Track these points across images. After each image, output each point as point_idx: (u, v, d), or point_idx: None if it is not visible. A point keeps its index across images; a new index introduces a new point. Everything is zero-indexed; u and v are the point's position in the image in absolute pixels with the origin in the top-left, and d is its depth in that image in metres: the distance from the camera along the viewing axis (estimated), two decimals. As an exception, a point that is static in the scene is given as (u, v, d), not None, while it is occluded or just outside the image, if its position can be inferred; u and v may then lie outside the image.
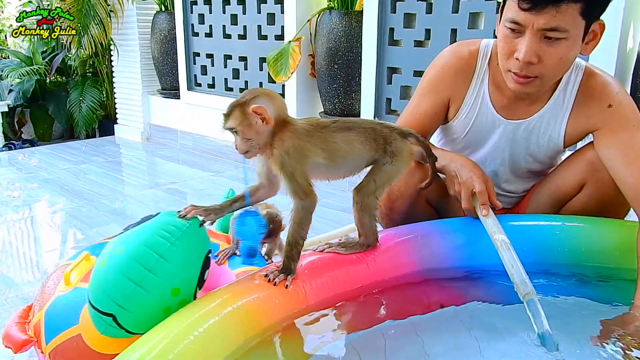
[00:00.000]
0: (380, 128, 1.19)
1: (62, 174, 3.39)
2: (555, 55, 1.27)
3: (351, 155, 1.15)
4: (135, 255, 1.00)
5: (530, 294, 1.14)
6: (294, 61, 2.81)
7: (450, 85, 1.53)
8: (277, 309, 1.08)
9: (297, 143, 1.10)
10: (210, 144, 3.90)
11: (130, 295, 0.98)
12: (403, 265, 1.29)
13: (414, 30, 2.68)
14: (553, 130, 1.48)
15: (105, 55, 4.65)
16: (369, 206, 1.20)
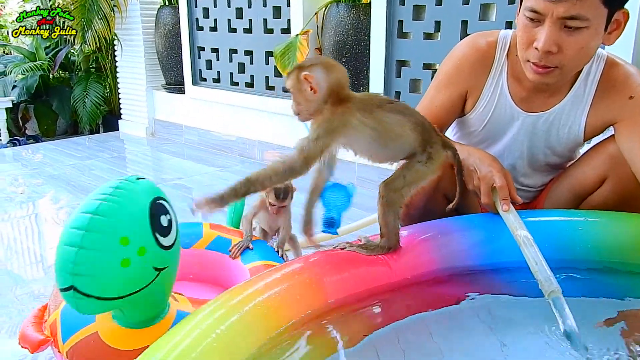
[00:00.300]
0: (429, 127, 1.19)
1: (67, 170, 3.37)
2: (575, 44, 1.24)
3: (400, 140, 1.15)
4: (70, 224, 1.01)
5: (556, 291, 1.11)
6: (302, 55, 2.78)
7: (468, 77, 1.50)
8: (298, 305, 1.06)
9: (346, 118, 1.10)
10: (216, 139, 3.87)
11: (77, 260, 0.98)
12: (424, 264, 1.27)
13: (424, 23, 2.64)
14: (573, 123, 1.46)
15: (109, 50, 4.62)
16: (395, 202, 1.18)
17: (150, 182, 1.12)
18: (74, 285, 0.99)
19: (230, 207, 1.80)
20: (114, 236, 1.00)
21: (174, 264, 1.13)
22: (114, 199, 1.03)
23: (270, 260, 1.60)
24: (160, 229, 1.07)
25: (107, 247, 1.00)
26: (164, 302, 1.17)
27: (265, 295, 1.02)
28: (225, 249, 1.68)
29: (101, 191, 1.05)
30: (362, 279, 1.17)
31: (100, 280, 1.00)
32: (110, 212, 1.01)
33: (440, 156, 1.19)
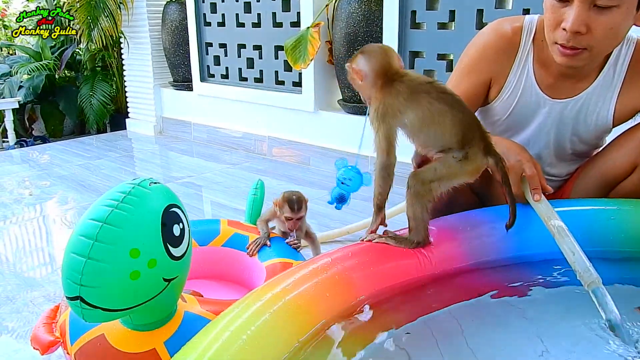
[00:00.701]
0: (476, 127, 1.16)
1: (77, 170, 3.34)
2: (605, 24, 1.18)
3: (435, 128, 1.14)
4: (79, 230, 0.96)
5: (596, 282, 1.06)
6: (313, 48, 2.73)
7: (492, 65, 1.45)
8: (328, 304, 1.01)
9: (388, 101, 1.14)
10: (225, 135, 3.83)
11: (86, 271, 0.93)
12: (455, 258, 1.22)
13: (437, 12, 2.59)
14: (602, 109, 1.40)
15: (115, 48, 4.58)
16: (422, 195, 1.14)
17: (163, 187, 1.06)
18: (80, 296, 0.94)
19: (248, 204, 1.75)
20: (124, 248, 0.95)
21: (185, 273, 1.09)
22: (126, 207, 0.97)
23: (287, 258, 1.56)
24: (171, 239, 1.02)
25: (116, 259, 0.95)
26: (172, 307, 1.13)
27: (295, 293, 0.97)
28: (243, 247, 1.63)
29: (112, 197, 0.99)
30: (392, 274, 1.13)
31: (107, 292, 0.96)
32: (121, 221, 0.96)
33: (477, 160, 1.15)
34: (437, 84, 1.17)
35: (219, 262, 1.63)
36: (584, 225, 1.28)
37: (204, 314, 1.17)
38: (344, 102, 3.06)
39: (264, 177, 3.04)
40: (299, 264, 1.12)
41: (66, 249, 0.98)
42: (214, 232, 1.65)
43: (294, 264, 1.54)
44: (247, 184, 2.98)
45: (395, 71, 1.17)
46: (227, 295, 1.56)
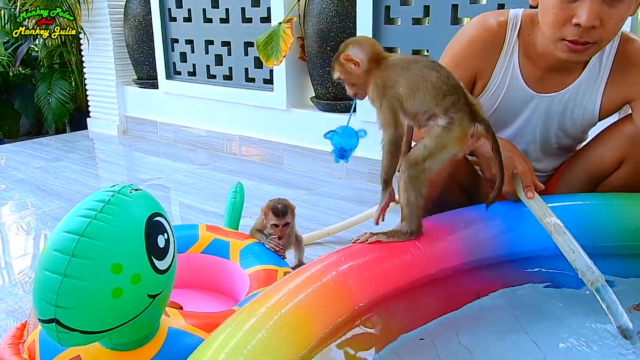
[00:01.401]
0: (461, 93, 1.15)
1: (36, 173, 3.16)
2: (616, 17, 1.18)
3: (419, 91, 1.14)
4: (52, 245, 0.86)
5: (599, 279, 1.04)
6: (286, 44, 2.65)
7: (478, 59, 1.42)
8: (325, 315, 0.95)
9: (385, 74, 1.17)
10: (193, 135, 3.71)
11: (62, 290, 0.84)
12: (450, 256, 1.18)
13: (412, 8, 2.55)
14: (588, 102, 1.40)
15: (74, 44, 4.38)
16: (417, 177, 1.13)
17: (146, 194, 0.97)
18: (56, 318, 0.85)
19: (228, 208, 1.67)
20: (105, 263, 0.86)
21: (170, 287, 1.00)
22: (105, 218, 0.88)
23: (271, 265, 1.49)
24: (156, 251, 0.93)
25: (96, 276, 0.85)
26: (155, 324, 1.04)
27: (292, 305, 0.91)
28: (223, 253, 1.55)
29: (89, 206, 0.89)
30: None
31: (87, 313, 0.86)
32: (101, 233, 0.86)
33: (464, 125, 1.13)
34: (417, 56, 1.25)
35: (199, 270, 1.54)
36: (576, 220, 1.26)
37: (189, 329, 1.09)
38: (317, 100, 2.99)
39: (236, 177, 2.96)
40: (292, 273, 1.05)
41: (38, 266, 0.88)
42: (192, 238, 1.56)
43: (278, 270, 1.47)
44: (219, 185, 2.90)
45: (383, 54, 1.22)
46: (209, 306, 1.48)
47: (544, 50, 1.33)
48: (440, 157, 1.14)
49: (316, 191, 2.64)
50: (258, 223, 1.60)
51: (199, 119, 3.65)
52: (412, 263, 1.12)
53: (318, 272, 1.02)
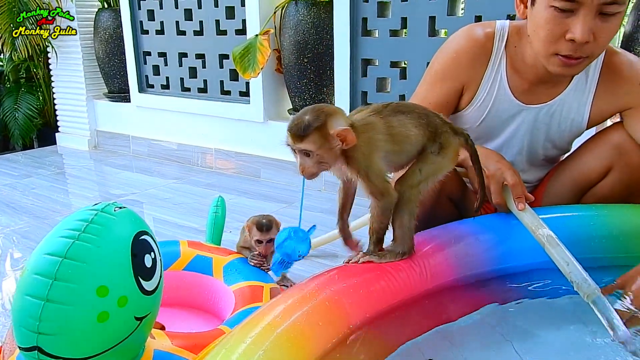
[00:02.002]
0: (434, 117, 1.12)
1: (4, 190, 3.05)
2: (609, 31, 1.19)
3: (408, 140, 1.08)
4: (33, 268, 0.81)
5: (595, 292, 1.03)
6: (263, 56, 2.63)
7: (465, 71, 1.41)
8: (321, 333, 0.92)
9: (366, 137, 1.04)
10: (167, 149, 3.64)
11: (44, 316, 0.78)
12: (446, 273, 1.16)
13: (389, 20, 2.56)
14: (576, 114, 1.41)
15: (42, 58, 4.26)
16: (411, 200, 1.09)
17: (130, 212, 0.92)
18: (38, 346, 0.79)
19: (209, 223, 1.63)
20: (90, 286, 0.81)
21: (157, 308, 0.95)
22: (90, 238, 0.82)
23: (256, 281, 1.45)
24: (143, 271, 0.88)
25: (81, 300, 0.80)
26: (141, 347, 0.99)
27: (286, 325, 0.87)
28: (206, 270, 1.51)
29: (71, 226, 0.84)
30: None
31: (71, 339, 0.81)
32: (85, 255, 0.81)
33: (452, 144, 1.12)
34: (373, 105, 1.12)
35: (181, 288, 1.49)
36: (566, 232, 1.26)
37: (175, 351, 1.04)
38: (294, 111, 2.97)
39: (212, 191, 2.90)
40: (286, 291, 1.01)
41: (17, 291, 0.82)
42: (174, 254, 1.51)
43: (264, 287, 1.43)
44: (196, 200, 2.84)
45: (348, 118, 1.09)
46: (193, 325, 1.43)
47: (533, 63, 1.33)
48: (434, 179, 1.13)
49: (295, 204, 2.61)
50: (240, 241, 1.56)
51: (173, 133, 3.59)
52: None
53: (312, 291, 0.99)
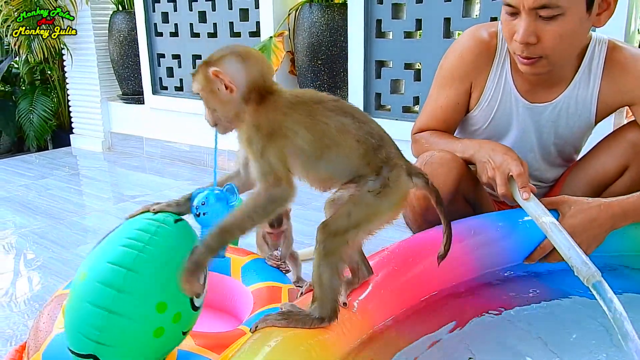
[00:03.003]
0: (391, 146, 0.92)
1: (20, 191, 3.08)
2: (553, 33, 1.21)
3: (337, 150, 0.87)
4: (98, 276, 0.82)
5: (595, 275, 1.03)
6: (277, 58, 2.65)
7: (471, 71, 1.45)
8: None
9: (273, 117, 0.86)
10: (180, 150, 3.66)
11: (106, 327, 0.80)
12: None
13: (403, 21, 2.56)
14: (583, 110, 1.41)
15: (57, 60, 4.31)
16: (334, 252, 0.86)
17: (187, 225, 0.91)
18: (94, 354, 0.81)
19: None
20: (152, 301, 0.81)
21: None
22: (152, 251, 0.82)
23: (273, 281, 1.46)
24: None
25: (142, 315, 0.81)
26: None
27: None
28: (224, 269, 1.51)
29: (133, 235, 0.84)
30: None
31: (127, 352, 0.82)
32: (149, 269, 0.81)
33: (402, 185, 0.90)
34: (320, 93, 0.93)
35: (200, 288, 1.50)
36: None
37: (199, 351, 1.05)
38: (307, 113, 2.98)
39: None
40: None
41: (76, 296, 0.82)
42: (192, 255, 1.52)
43: (282, 287, 1.44)
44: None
45: (272, 84, 0.91)
46: (212, 325, 1.43)
47: None
48: (368, 229, 0.90)
49: (309, 206, 2.61)
50: (257, 237, 1.58)
51: (186, 134, 3.61)
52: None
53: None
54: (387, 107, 2.71)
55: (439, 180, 1.32)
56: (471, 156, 1.35)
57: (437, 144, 1.43)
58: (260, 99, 0.88)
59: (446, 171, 1.33)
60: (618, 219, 1.23)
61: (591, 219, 1.21)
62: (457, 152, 1.35)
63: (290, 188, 0.86)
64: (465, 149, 1.36)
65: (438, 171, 1.33)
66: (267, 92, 0.89)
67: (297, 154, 0.87)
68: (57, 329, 1.12)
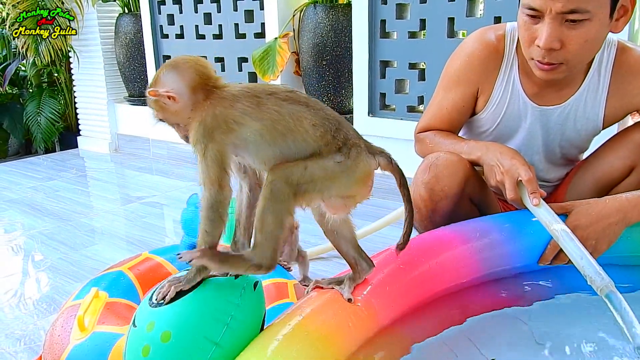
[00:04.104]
0: (349, 128, 0.93)
1: (28, 192, 3.11)
2: (578, 38, 1.19)
3: (292, 135, 0.87)
4: (187, 349, 0.79)
5: (609, 286, 1.03)
6: (282, 59, 2.66)
7: (479, 75, 1.43)
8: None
9: (220, 111, 0.86)
10: (187, 151, 3.67)
11: None
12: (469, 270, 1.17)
13: (408, 21, 2.57)
14: (591, 113, 1.41)
15: (63, 63, 4.34)
16: (279, 198, 0.85)
17: (261, 289, 0.90)
18: None
19: (230, 224, 1.65)
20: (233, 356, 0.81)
21: None
22: (237, 325, 0.81)
23: (278, 278, 1.47)
24: None
25: None
26: None
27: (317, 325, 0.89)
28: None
29: (222, 307, 0.81)
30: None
31: None
32: (233, 343, 0.79)
33: (363, 161, 0.90)
34: (272, 85, 0.95)
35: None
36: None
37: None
38: (313, 114, 2.99)
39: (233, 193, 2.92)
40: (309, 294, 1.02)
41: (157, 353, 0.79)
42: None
43: (288, 283, 1.45)
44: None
45: (216, 80, 0.91)
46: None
47: None
48: (322, 191, 0.88)
49: (315, 205, 2.62)
50: None
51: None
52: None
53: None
54: (391, 106, 2.72)
55: (445, 182, 1.33)
56: (478, 158, 1.35)
57: (442, 145, 1.43)
58: (207, 96, 0.89)
59: (452, 173, 1.34)
60: (628, 211, 1.21)
61: (596, 212, 1.21)
62: (462, 154, 1.35)
63: (224, 190, 0.86)
64: (471, 150, 1.35)
65: (444, 173, 1.33)
66: (213, 87, 0.90)
67: (247, 144, 0.88)
68: (74, 340, 1.14)
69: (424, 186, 1.35)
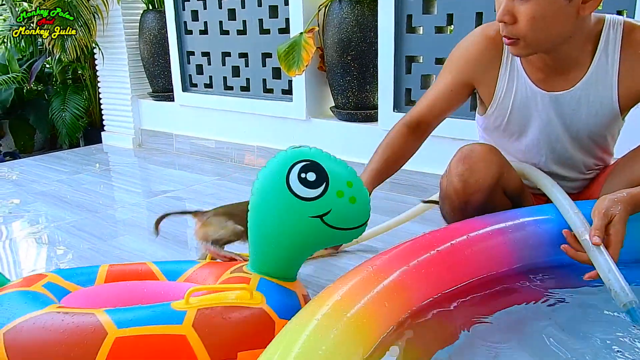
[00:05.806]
0: None
1: (55, 186, 3.16)
2: (525, 14, 1.22)
3: None
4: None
5: (632, 302, 1.03)
6: (308, 53, 2.66)
7: (473, 65, 1.45)
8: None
9: None
10: (210, 147, 3.71)
11: None
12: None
13: (435, 16, 2.56)
14: (604, 96, 1.36)
15: (88, 59, 4.40)
16: None
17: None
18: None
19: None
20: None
21: None
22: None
23: None
24: None
25: None
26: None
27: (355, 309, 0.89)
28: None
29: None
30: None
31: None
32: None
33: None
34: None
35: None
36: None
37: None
38: (336, 109, 2.99)
39: (257, 187, 2.94)
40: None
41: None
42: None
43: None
44: (239, 196, 2.88)
45: None
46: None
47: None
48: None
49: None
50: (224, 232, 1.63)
51: (216, 131, 3.65)
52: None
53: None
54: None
55: (479, 175, 1.33)
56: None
57: (375, 153, 1.57)
58: None
59: (487, 165, 1.34)
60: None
61: (607, 198, 1.20)
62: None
63: None
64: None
65: (479, 165, 1.33)
66: None
67: None
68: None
69: (457, 178, 1.35)
